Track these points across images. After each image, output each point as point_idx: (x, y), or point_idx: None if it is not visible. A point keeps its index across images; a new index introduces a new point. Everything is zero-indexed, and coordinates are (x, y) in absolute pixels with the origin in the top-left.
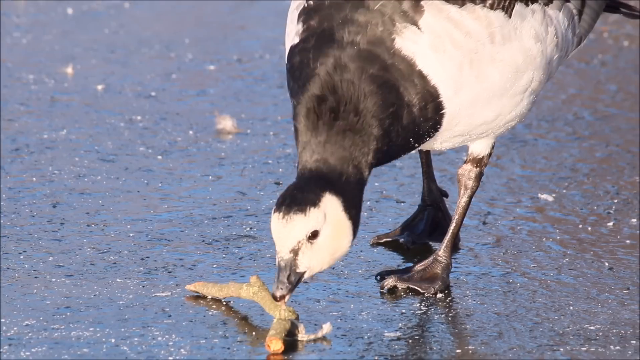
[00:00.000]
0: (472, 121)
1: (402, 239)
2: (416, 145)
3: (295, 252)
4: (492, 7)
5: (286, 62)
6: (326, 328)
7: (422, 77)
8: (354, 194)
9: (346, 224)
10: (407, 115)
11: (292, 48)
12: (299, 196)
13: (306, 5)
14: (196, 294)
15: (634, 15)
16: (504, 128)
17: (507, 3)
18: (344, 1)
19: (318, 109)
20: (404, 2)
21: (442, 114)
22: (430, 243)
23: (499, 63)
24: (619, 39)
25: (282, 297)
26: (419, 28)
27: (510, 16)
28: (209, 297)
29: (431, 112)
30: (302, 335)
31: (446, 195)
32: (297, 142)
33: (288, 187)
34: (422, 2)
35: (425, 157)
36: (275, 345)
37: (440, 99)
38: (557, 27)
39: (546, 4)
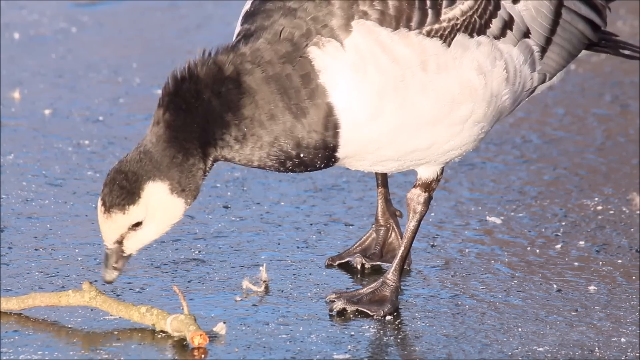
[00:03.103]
0: (400, 147)
1: (353, 261)
2: (304, 157)
3: (119, 241)
4: (428, 34)
5: None
6: (219, 327)
7: (322, 90)
8: (187, 175)
9: (175, 202)
10: (282, 117)
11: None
12: (120, 190)
13: (247, 10)
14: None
15: (634, 56)
16: (447, 156)
17: (446, 32)
18: (277, 8)
19: (184, 87)
20: (334, 19)
21: (336, 132)
22: (382, 264)
23: (430, 92)
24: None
25: (112, 280)
26: (342, 46)
27: (449, 45)
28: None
29: (318, 126)
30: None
31: (400, 216)
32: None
33: (116, 168)
34: (352, 22)
35: (381, 177)
36: (201, 339)
37: (335, 118)
38: (509, 61)
39: (496, 37)
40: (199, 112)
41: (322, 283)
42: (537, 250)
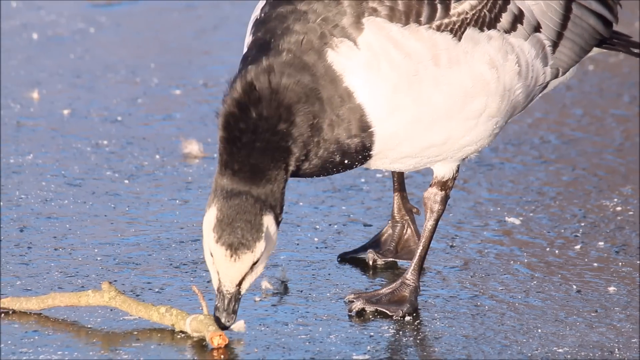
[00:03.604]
0: (417, 143)
1: (366, 256)
2: (347, 161)
3: (239, 283)
4: (438, 28)
5: None
6: (239, 326)
7: (349, 93)
8: (279, 200)
9: (276, 232)
10: (328, 129)
11: (241, 59)
12: (243, 230)
13: (258, 17)
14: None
15: None
16: (463, 152)
17: (456, 26)
18: (288, 13)
19: (239, 116)
20: (345, 18)
21: (371, 132)
22: (397, 261)
23: (443, 86)
24: (584, 63)
25: (229, 326)
26: (356, 45)
27: (459, 39)
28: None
29: (356, 130)
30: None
31: (418, 213)
32: (220, 148)
33: (224, 210)
34: (363, 20)
35: (398, 175)
36: (221, 339)
37: (366, 118)
38: (520, 55)
39: (507, 32)
40: (262, 141)
41: (341, 283)
42: (557, 251)
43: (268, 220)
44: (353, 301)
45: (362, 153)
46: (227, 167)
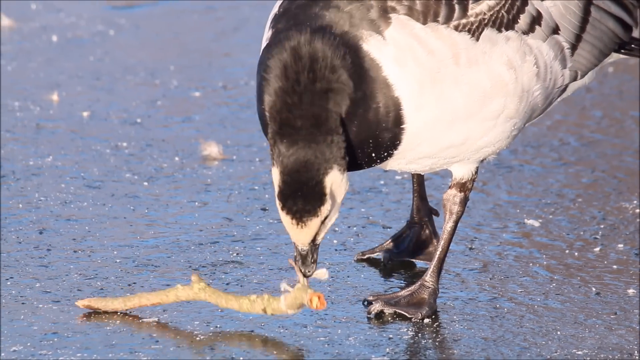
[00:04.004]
0: (436, 143)
1: (382, 256)
2: (374, 155)
3: (313, 239)
4: (456, 28)
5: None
6: (321, 273)
7: (388, 85)
8: (343, 147)
9: (343, 181)
10: (372, 113)
11: (262, 51)
12: (304, 197)
13: (276, 12)
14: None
15: None
16: (481, 154)
17: (474, 27)
18: (311, 2)
19: (294, 66)
20: (372, 11)
21: (402, 128)
22: (415, 262)
23: (463, 86)
24: (603, 65)
25: (313, 274)
26: (384, 38)
27: (477, 40)
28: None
29: (392, 123)
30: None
31: (437, 214)
32: (268, 101)
33: (285, 177)
34: (390, 15)
35: (417, 176)
36: (319, 302)
37: (402, 112)
38: (539, 56)
39: (525, 33)
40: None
41: (360, 285)
42: (576, 253)
43: (332, 177)
44: (372, 303)
45: (389, 150)
46: (286, 125)
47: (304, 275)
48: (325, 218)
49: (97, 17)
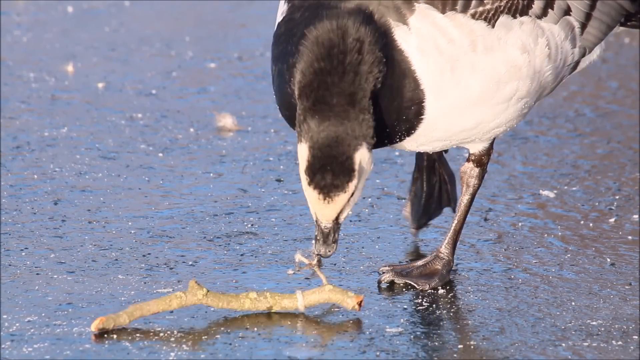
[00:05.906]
0: (450, 128)
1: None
2: (386, 141)
3: (336, 217)
4: (473, 16)
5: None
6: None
7: (414, 79)
8: (372, 125)
9: (369, 160)
10: (397, 102)
11: (278, 24)
12: (333, 172)
13: None
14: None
15: None
16: (492, 134)
17: (490, 14)
18: None
19: (342, 45)
20: (397, 1)
21: (421, 119)
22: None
23: (480, 73)
24: (619, 36)
25: (332, 254)
26: (409, 28)
27: (493, 26)
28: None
29: (412, 115)
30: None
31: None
32: (301, 78)
33: (314, 152)
34: (414, 3)
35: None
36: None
37: (423, 104)
38: (550, 38)
39: (539, 17)
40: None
41: (375, 256)
42: (591, 224)
43: (361, 154)
44: (384, 273)
45: (402, 137)
46: (321, 102)
47: (323, 256)
48: (352, 195)
49: None
